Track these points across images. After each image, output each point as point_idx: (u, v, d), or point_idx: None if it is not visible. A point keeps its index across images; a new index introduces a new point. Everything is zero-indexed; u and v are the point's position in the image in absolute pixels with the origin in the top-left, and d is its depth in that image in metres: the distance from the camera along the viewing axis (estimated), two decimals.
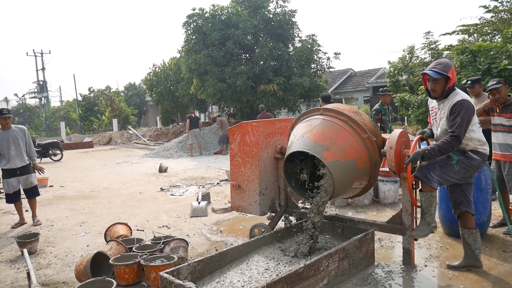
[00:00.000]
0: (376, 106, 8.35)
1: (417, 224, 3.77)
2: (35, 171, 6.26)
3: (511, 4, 15.75)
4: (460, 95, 3.56)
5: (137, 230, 5.38)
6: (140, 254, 3.82)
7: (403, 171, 3.60)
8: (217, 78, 17.10)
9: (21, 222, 6.19)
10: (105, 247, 4.11)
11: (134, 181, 10.11)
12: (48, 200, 8.00)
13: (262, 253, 3.79)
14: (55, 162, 16.23)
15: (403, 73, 15.77)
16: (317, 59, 19.03)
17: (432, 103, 3.84)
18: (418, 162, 3.62)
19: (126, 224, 4.94)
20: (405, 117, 17.04)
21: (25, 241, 4.69)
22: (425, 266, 3.87)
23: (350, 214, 5.81)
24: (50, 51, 41.76)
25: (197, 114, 34.58)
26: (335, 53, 19.05)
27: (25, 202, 6.48)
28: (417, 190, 3.73)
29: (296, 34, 19.02)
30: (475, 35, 16.40)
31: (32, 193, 6.25)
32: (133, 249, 4.05)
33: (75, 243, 5.11)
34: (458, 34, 16.76)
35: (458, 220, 3.79)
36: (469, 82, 6.11)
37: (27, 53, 39.44)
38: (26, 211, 6.49)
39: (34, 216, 6.27)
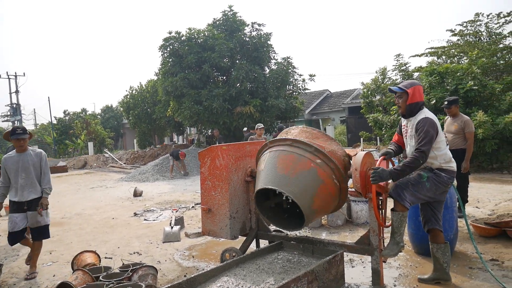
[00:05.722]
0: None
1: (386, 244, 3.82)
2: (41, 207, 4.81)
3: (475, 28, 16.48)
4: (424, 113, 3.72)
5: (106, 258, 5.25)
6: (107, 283, 3.72)
7: (369, 192, 3.66)
8: (194, 101, 17.15)
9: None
10: (70, 277, 3.99)
11: (108, 206, 9.90)
12: None
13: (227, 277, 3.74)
14: None
15: (376, 94, 16.17)
16: (293, 81, 19.38)
17: (404, 121, 3.99)
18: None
19: (94, 252, 4.82)
20: (378, 137, 17.38)
21: None
22: (394, 286, 3.89)
23: (324, 235, 5.83)
24: (24, 74, 41.06)
25: (175, 136, 34.53)
26: (310, 75, 19.47)
27: None
28: (383, 210, 3.79)
29: (271, 57, 19.39)
30: (443, 57, 17.06)
31: (39, 234, 4.93)
32: (100, 278, 3.94)
33: (41, 274, 4.93)
34: (427, 56, 17.42)
35: (428, 236, 3.89)
36: (445, 102, 6.37)
37: (0, 76, 38.74)
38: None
39: (33, 264, 4.96)
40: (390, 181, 3.93)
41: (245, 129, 15.12)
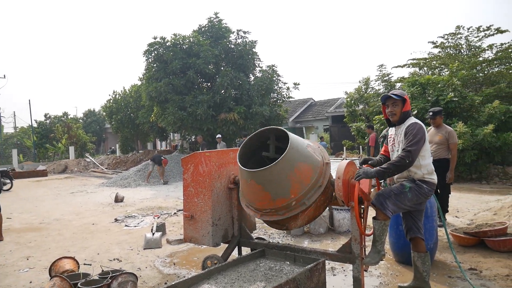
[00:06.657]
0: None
1: (367, 253, 3.85)
2: None
3: (456, 41, 16.89)
4: (413, 119, 3.82)
5: (85, 264, 5.14)
6: None
7: (351, 200, 3.68)
8: (178, 106, 17.06)
9: None
10: (48, 284, 3.90)
11: (88, 211, 9.72)
12: None
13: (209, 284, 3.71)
14: (4, 192, 15.34)
15: (359, 103, 16.38)
16: (277, 88, 19.48)
17: (391, 131, 4.03)
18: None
19: (73, 258, 4.72)
20: (361, 146, 17.58)
21: None
22: None
23: (306, 243, 5.84)
24: (4, 76, 40.10)
25: (157, 142, 34.22)
26: (295, 83, 19.63)
27: None
28: (365, 218, 3.82)
29: (256, 64, 19.46)
30: (425, 68, 17.42)
31: None
32: (78, 285, 3.86)
33: (17, 280, 4.80)
34: (409, 67, 17.77)
35: (411, 244, 3.94)
36: (430, 113, 6.43)
37: None
38: None
39: None
40: (372, 190, 3.98)
41: (218, 136, 14.93)
